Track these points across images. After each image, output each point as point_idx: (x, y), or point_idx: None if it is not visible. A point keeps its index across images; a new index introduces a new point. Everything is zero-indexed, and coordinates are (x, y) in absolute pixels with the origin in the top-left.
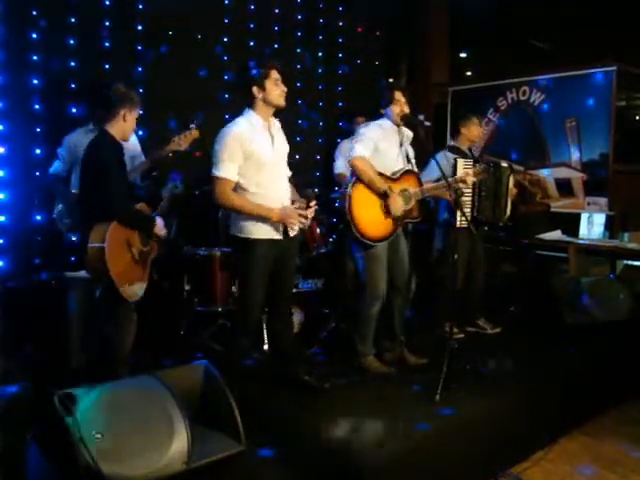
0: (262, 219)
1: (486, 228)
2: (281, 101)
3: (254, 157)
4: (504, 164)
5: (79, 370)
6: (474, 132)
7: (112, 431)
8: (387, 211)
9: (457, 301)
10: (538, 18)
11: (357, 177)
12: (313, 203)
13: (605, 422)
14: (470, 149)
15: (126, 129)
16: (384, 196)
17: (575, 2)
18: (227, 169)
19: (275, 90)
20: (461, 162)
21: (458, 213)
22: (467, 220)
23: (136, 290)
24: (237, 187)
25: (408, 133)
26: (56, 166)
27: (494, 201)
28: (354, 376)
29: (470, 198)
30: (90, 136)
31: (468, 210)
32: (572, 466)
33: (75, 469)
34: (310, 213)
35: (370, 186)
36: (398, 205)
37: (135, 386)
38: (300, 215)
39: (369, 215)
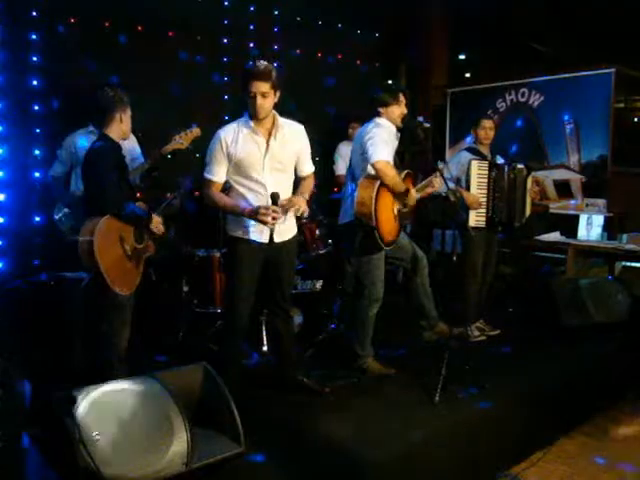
0: (246, 220)
1: (500, 229)
2: (254, 113)
3: (236, 160)
4: (519, 165)
5: (79, 370)
6: (481, 134)
7: (112, 432)
8: (396, 211)
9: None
10: (537, 20)
11: (380, 181)
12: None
13: (604, 422)
14: (492, 152)
15: (124, 129)
16: (405, 194)
17: (574, 4)
18: (211, 171)
19: (250, 104)
20: (475, 164)
21: (471, 213)
22: (484, 220)
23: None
24: (230, 187)
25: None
26: (55, 168)
27: (508, 202)
28: (353, 378)
29: (485, 199)
30: (90, 137)
31: (483, 211)
32: (570, 466)
33: (74, 470)
34: (278, 213)
35: (394, 188)
36: (414, 197)
37: (135, 387)
38: (272, 214)
39: (387, 220)
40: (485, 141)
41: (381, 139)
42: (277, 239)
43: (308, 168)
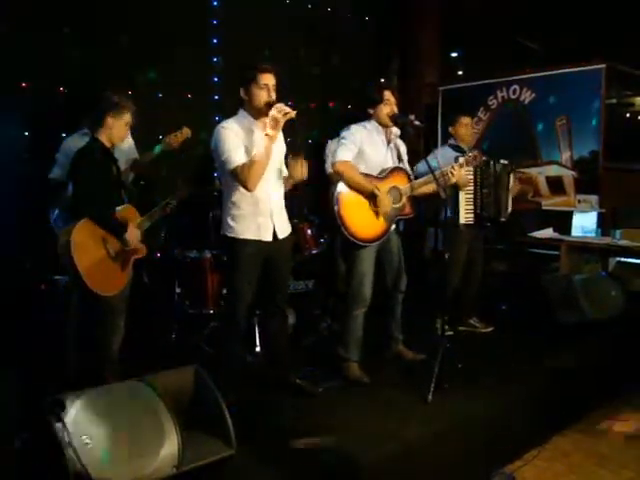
0: (250, 220)
1: (488, 224)
2: (261, 104)
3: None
4: (503, 161)
5: (72, 373)
6: (461, 132)
7: (102, 436)
8: (377, 211)
9: (451, 299)
10: (528, 17)
11: (343, 181)
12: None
13: (598, 419)
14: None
15: (113, 135)
16: (372, 196)
17: (565, 1)
18: (237, 157)
19: (260, 95)
20: (461, 160)
21: (462, 209)
22: (473, 216)
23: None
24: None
25: (395, 130)
26: (54, 171)
27: (495, 197)
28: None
29: (472, 195)
30: (85, 140)
31: (471, 207)
32: (565, 464)
33: (64, 475)
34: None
35: (356, 188)
36: (386, 203)
37: (125, 391)
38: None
39: (360, 217)
40: (467, 138)
41: (347, 140)
42: (280, 235)
43: (285, 170)
